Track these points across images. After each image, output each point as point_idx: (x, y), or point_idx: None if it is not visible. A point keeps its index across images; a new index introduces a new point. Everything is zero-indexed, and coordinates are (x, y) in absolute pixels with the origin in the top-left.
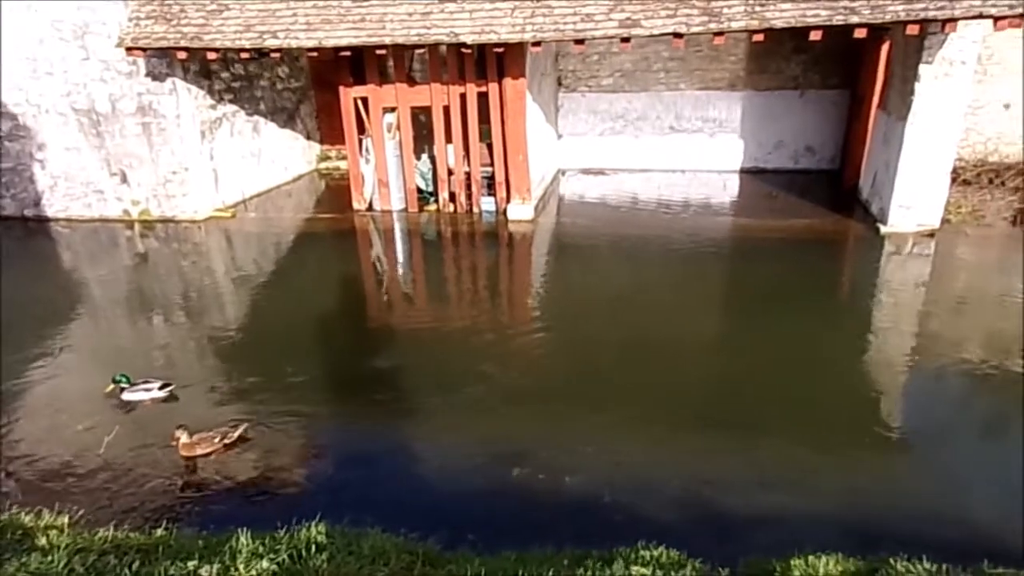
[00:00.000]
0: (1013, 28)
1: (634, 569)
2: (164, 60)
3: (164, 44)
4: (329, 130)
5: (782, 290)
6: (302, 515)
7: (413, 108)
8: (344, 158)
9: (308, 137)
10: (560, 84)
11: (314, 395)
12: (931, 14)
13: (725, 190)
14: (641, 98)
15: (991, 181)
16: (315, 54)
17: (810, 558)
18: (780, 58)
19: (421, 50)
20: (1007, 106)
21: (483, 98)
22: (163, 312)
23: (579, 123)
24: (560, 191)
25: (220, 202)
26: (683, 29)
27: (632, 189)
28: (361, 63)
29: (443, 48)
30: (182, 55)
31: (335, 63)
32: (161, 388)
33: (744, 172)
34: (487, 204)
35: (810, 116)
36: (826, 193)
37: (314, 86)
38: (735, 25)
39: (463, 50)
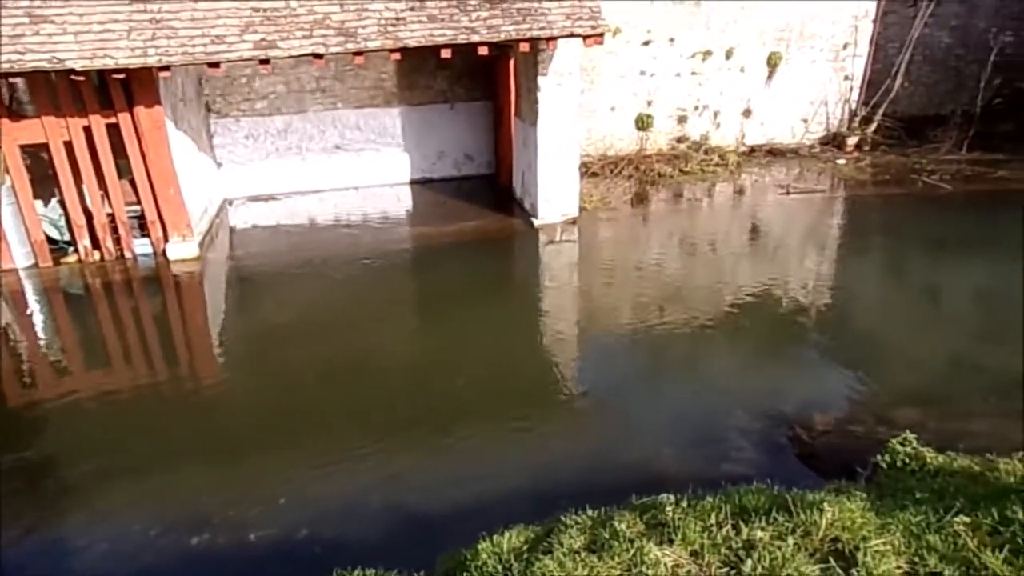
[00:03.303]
0: (597, 44)
1: None
2: None
3: None
4: None
5: (463, 288)
6: None
7: (25, 146)
8: None
9: None
10: (209, 109)
11: None
12: (535, 33)
13: (399, 202)
14: (301, 119)
15: (612, 172)
16: None
17: (495, 537)
18: (427, 74)
19: (17, 79)
20: (613, 109)
21: (114, 130)
22: None
23: (239, 149)
24: (229, 222)
25: None
26: (321, 49)
27: (307, 211)
28: None
29: (53, 75)
30: None
31: None
32: None
33: (414, 183)
34: (141, 246)
35: (463, 126)
36: (488, 195)
37: None
38: (371, 45)
39: (75, 78)
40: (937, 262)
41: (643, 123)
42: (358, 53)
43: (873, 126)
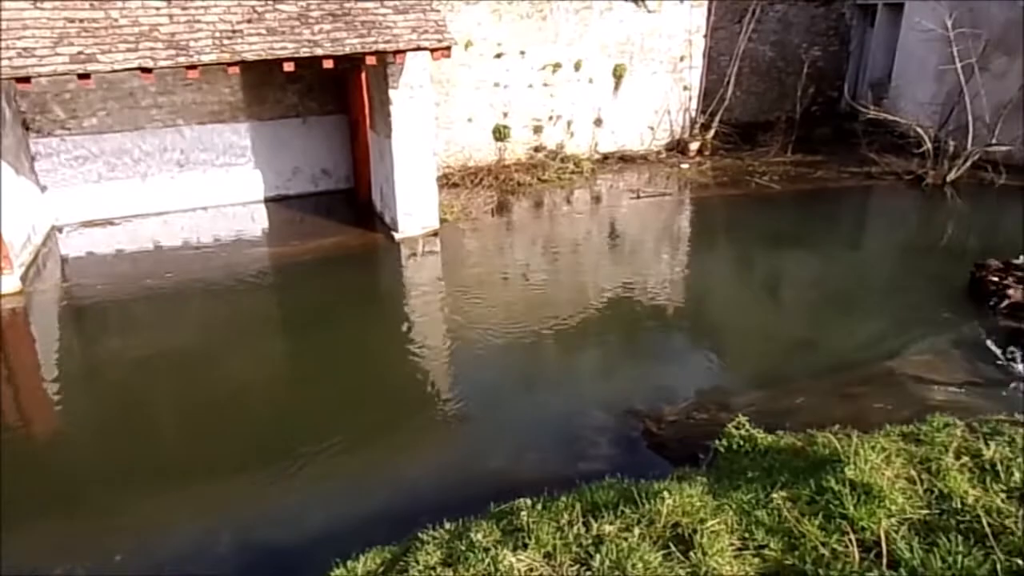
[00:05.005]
0: (446, 58)
1: None
2: None
3: None
4: None
5: (323, 307)
6: None
7: None
8: None
9: None
10: (28, 128)
11: None
12: (380, 47)
13: (254, 221)
14: (138, 137)
15: (473, 182)
16: None
17: (349, 563)
18: (276, 88)
19: None
20: (470, 120)
21: None
22: None
23: (67, 171)
24: (60, 251)
25: None
26: (149, 63)
27: (151, 235)
28: None
29: None
30: None
31: None
32: None
33: (269, 201)
34: None
35: (318, 141)
36: (347, 210)
37: None
38: (206, 59)
39: None
40: (772, 255)
41: (500, 133)
42: (191, 67)
43: (712, 132)
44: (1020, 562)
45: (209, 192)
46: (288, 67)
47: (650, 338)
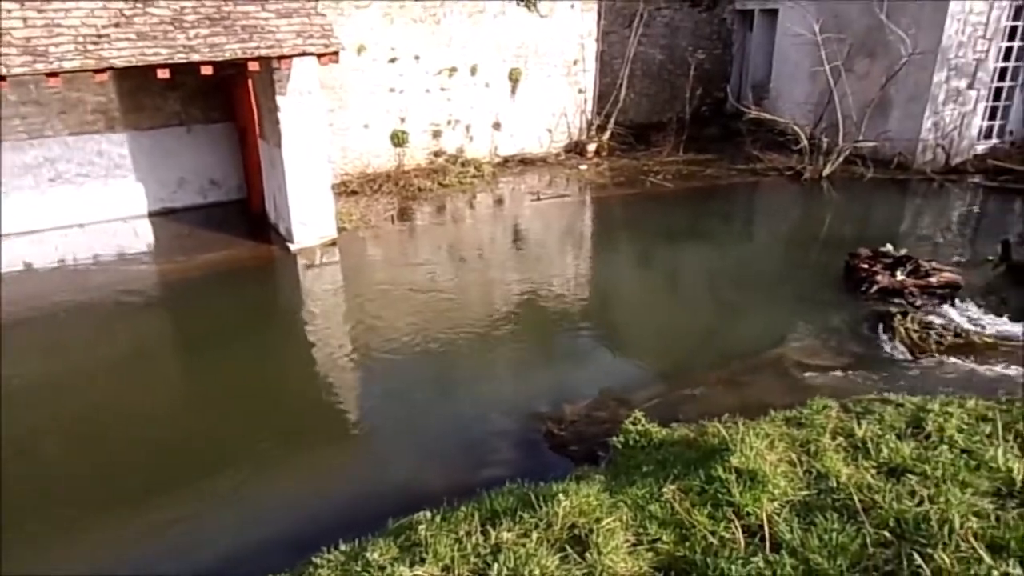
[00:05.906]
0: (334, 63)
1: None
2: None
3: None
4: None
5: (215, 325)
6: None
7: None
8: None
9: None
10: None
11: None
12: (263, 52)
13: (137, 237)
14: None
15: (372, 189)
16: None
17: None
18: (155, 95)
19: None
20: (366, 126)
21: None
22: None
23: None
24: None
25: None
26: (1, 71)
27: (19, 256)
28: None
29: None
30: None
31: None
32: None
33: (153, 215)
34: None
35: (204, 150)
36: (239, 222)
37: None
38: (68, 65)
39: None
40: (667, 251)
41: (398, 139)
42: (52, 75)
43: (607, 134)
44: (887, 534)
45: (86, 207)
46: (163, 74)
47: (554, 340)
